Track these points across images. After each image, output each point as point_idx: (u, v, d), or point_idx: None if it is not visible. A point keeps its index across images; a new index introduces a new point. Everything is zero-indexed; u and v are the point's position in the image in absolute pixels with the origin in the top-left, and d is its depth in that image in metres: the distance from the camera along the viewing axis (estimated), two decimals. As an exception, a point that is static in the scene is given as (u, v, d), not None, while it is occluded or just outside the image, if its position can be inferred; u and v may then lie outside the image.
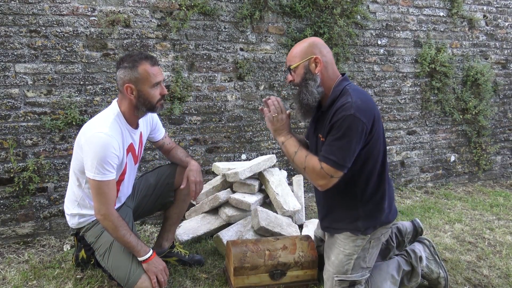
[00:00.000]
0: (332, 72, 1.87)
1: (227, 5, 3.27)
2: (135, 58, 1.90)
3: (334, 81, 1.87)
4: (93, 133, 1.86)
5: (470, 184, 4.38)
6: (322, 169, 1.75)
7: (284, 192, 2.84)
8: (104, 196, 1.86)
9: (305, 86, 1.82)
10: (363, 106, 1.73)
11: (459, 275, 2.33)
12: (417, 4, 4.02)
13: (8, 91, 2.69)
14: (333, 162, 1.72)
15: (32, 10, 2.72)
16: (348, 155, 1.72)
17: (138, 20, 3.00)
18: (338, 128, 1.72)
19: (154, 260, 1.95)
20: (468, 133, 4.32)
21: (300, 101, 1.84)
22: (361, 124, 1.70)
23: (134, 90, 1.91)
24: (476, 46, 4.34)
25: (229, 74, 3.34)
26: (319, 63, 1.81)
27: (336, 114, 1.74)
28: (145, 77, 1.89)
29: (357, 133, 1.70)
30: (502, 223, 3.20)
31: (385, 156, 1.89)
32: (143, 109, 1.97)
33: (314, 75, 1.82)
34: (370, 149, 1.80)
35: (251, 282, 2.08)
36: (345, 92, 1.81)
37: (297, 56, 1.84)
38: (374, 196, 1.88)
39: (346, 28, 3.59)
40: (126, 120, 1.99)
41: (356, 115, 1.69)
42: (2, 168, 2.69)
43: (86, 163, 1.86)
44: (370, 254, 1.93)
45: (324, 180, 1.76)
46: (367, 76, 3.85)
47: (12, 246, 2.69)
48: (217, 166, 3.03)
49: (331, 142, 1.74)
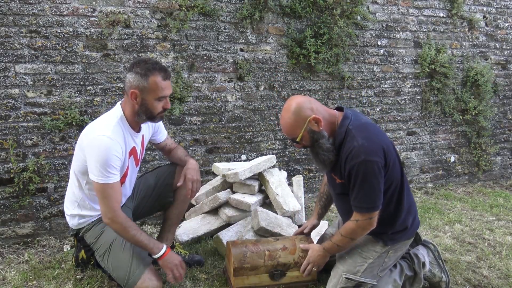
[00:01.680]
0: (329, 117, 1.85)
1: (227, 6, 3.27)
2: (149, 67, 1.88)
3: (335, 123, 1.86)
4: (95, 136, 1.85)
5: (470, 184, 4.38)
6: (357, 221, 1.83)
7: (284, 192, 2.84)
8: (109, 199, 1.85)
9: (319, 146, 1.83)
10: (370, 146, 1.75)
11: (459, 276, 2.33)
12: (417, 5, 4.03)
13: (8, 91, 2.70)
14: (366, 208, 1.80)
15: (32, 10, 2.72)
16: (376, 196, 1.78)
17: (138, 21, 3.00)
18: (356, 176, 1.76)
19: (169, 256, 1.94)
20: (468, 133, 4.32)
21: (322, 161, 1.86)
22: (375, 164, 1.73)
23: (139, 97, 1.89)
24: (476, 46, 4.34)
25: (229, 74, 3.34)
26: (319, 120, 1.80)
27: (348, 162, 1.77)
28: (153, 89, 1.88)
29: (375, 175, 1.74)
30: (502, 224, 3.20)
31: (403, 177, 1.93)
32: (143, 117, 1.96)
33: (321, 132, 1.82)
34: (390, 178, 1.84)
35: (251, 282, 2.08)
36: (348, 134, 1.81)
37: (295, 127, 1.82)
38: (399, 216, 1.93)
39: (346, 28, 3.59)
40: (129, 124, 1.99)
41: (368, 159, 1.72)
42: (2, 169, 2.70)
43: (90, 166, 1.85)
44: (384, 264, 1.97)
45: (368, 226, 1.84)
46: (367, 77, 3.85)
47: (12, 247, 2.69)
48: (217, 166, 3.03)
49: (356, 191, 1.79)
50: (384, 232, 1.93)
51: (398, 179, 1.89)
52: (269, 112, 3.50)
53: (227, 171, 2.87)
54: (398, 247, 1.98)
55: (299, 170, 3.65)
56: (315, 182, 3.72)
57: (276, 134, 3.53)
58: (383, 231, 1.93)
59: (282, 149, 3.57)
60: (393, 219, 1.93)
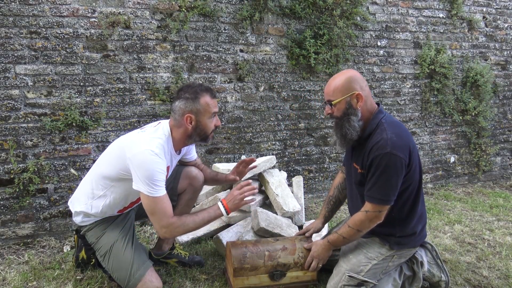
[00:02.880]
0: (370, 105, 1.91)
1: (227, 7, 3.28)
2: (197, 89, 1.96)
3: (372, 113, 1.91)
4: (142, 150, 1.85)
5: (470, 185, 4.38)
6: (367, 212, 1.84)
7: (284, 193, 2.84)
8: (159, 215, 1.86)
9: (347, 120, 1.86)
10: (399, 141, 1.78)
11: (458, 276, 2.34)
12: (417, 6, 4.03)
13: (9, 92, 2.70)
14: (378, 199, 1.81)
15: (32, 11, 2.72)
16: (391, 190, 1.79)
17: (138, 22, 3.01)
18: (377, 166, 1.78)
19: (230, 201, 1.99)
20: (467, 134, 4.32)
21: (342, 134, 1.89)
22: (399, 160, 1.75)
23: (194, 121, 1.95)
24: (476, 47, 4.35)
25: (229, 75, 3.34)
26: (361, 98, 1.85)
27: (373, 151, 1.79)
28: (205, 109, 1.95)
29: (396, 169, 1.76)
30: (502, 224, 3.20)
31: (421, 183, 1.94)
32: (196, 139, 2.02)
33: (356, 110, 1.86)
34: (408, 179, 1.85)
35: (251, 283, 2.08)
36: (380, 126, 1.85)
37: (339, 91, 1.86)
38: (411, 219, 1.94)
39: (346, 29, 3.59)
40: (173, 145, 2.02)
41: (393, 152, 1.74)
42: (2, 169, 2.70)
43: (136, 180, 1.85)
44: (388, 267, 1.98)
45: (376, 219, 1.85)
46: (367, 77, 3.86)
47: (12, 247, 2.69)
48: (217, 167, 3.03)
49: (373, 181, 1.81)
50: (393, 234, 1.94)
51: (416, 183, 1.91)
52: (269, 112, 3.50)
53: (227, 171, 2.87)
54: (403, 254, 1.99)
55: (299, 170, 3.65)
56: (315, 182, 3.72)
57: (276, 135, 3.54)
58: (392, 233, 1.94)
59: (282, 150, 3.57)
60: (405, 222, 1.94)
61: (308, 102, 3.63)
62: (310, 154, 3.68)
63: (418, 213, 1.95)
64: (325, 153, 3.74)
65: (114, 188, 1.99)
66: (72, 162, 2.87)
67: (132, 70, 3.01)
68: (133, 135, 1.99)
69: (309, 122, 3.65)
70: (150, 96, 3.07)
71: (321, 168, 3.74)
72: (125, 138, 1.99)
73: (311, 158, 3.69)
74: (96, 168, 2.06)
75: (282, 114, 3.54)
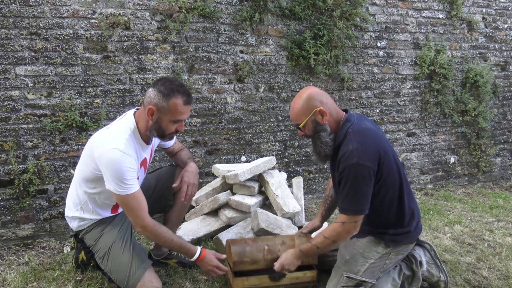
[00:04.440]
0: (336, 115, 1.92)
1: (227, 8, 3.28)
2: (173, 88, 1.87)
3: (339, 122, 1.92)
4: (108, 149, 1.83)
5: (470, 185, 4.38)
6: (344, 224, 1.85)
7: (284, 194, 2.84)
8: (134, 209, 1.86)
9: (318, 138, 1.89)
10: (364, 151, 1.78)
11: (458, 277, 2.34)
12: (417, 6, 4.03)
13: (9, 93, 2.70)
14: (352, 210, 1.82)
15: (32, 12, 2.73)
16: (363, 199, 1.81)
17: (138, 23, 3.01)
18: (346, 178, 1.79)
19: (206, 258, 1.98)
20: (467, 135, 4.32)
21: (317, 152, 1.93)
22: (366, 169, 1.77)
23: (155, 115, 1.89)
24: (476, 48, 4.35)
25: (229, 76, 3.35)
26: (324, 114, 1.86)
27: (341, 163, 1.81)
28: (171, 111, 1.88)
29: (364, 179, 1.78)
30: (502, 225, 3.20)
31: (402, 180, 1.93)
32: (154, 134, 1.96)
33: (324, 125, 1.88)
34: (384, 183, 1.86)
35: (251, 283, 2.08)
36: (346, 136, 1.86)
37: (302, 114, 1.89)
38: (402, 218, 1.95)
39: (346, 30, 3.60)
40: (141, 136, 1.98)
41: (359, 163, 1.76)
42: (3, 170, 2.70)
43: (106, 179, 1.85)
44: (385, 265, 1.99)
45: (352, 229, 1.86)
46: (367, 78, 3.86)
47: (12, 248, 2.69)
48: (217, 168, 3.03)
49: (345, 192, 1.82)
50: (386, 232, 1.95)
51: (396, 185, 1.90)
52: (269, 113, 3.50)
53: (227, 172, 2.88)
54: (400, 250, 2.00)
55: (299, 171, 3.65)
56: (315, 183, 3.72)
57: (276, 136, 3.54)
58: (387, 232, 1.95)
59: (282, 151, 3.57)
60: (396, 223, 1.95)
61: (308, 103, 3.63)
62: (310, 155, 3.68)
63: (408, 212, 1.95)
64: (325, 154, 3.74)
65: (96, 189, 1.99)
66: (72, 163, 2.87)
67: (132, 71, 3.01)
68: (100, 133, 1.98)
69: (309, 123, 3.64)
70: (150, 97, 3.07)
71: (321, 169, 3.75)
72: (94, 137, 1.98)
73: (311, 159, 3.69)
74: (77, 172, 2.06)
75: (282, 115, 3.55)
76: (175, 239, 1.95)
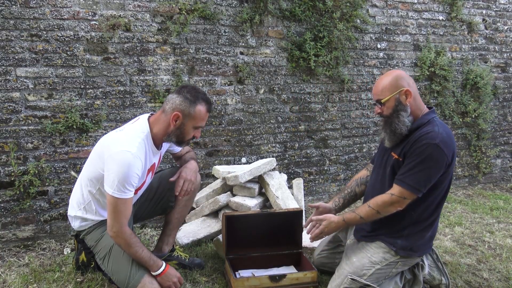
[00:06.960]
0: (418, 102, 1.95)
1: (227, 9, 3.29)
2: (199, 95, 1.95)
3: (421, 110, 1.94)
4: (120, 150, 1.84)
5: (470, 187, 4.38)
6: (392, 195, 1.84)
7: (284, 195, 2.84)
8: (119, 214, 1.86)
9: (397, 116, 1.89)
10: (448, 140, 1.81)
11: (459, 278, 2.33)
12: (416, 8, 4.04)
13: (9, 95, 2.71)
14: (409, 185, 1.81)
15: (33, 14, 2.73)
16: (425, 181, 1.80)
17: (138, 24, 3.02)
18: (419, 154, 1.79)
19: (168, 273, 1.97)
20: (468, 136, 4.32)
21: (392, 130, 1.91)
22: (442, 155, 1.78)
23: (179, 121, 1.93)
24: (476, 49, 4.36)
25: (229, 77, 3.35)
26: (409, 94, 1.89)
27: (420, 140, 1.81)
28: (196, 117, 1.95)
29: (437, 163, 1.79)
30: (502, 226, 3.20)
31: (446, 193, 1.95)
32: (173, 139, 1.99)
33: (405, 106, 1.89)
34: (441, 181, 1.86)
35: (251, 284, 2.08)
36: (432, 122, 1.88)
37: (387, 90, 1.91)
38: (424, 223, 1.94)
39: (346, 32, 3.60)
40: (153, 142, 2.00)
41: (440, 146, 1.77)
42: (3, 172, 2.70)
43: (107, 178, 1.85)
44: (391, 273, 1.98)
45: (397, 204, 1.85)
46: (367, 80, 3.86)
47: (12, 250, 2.69)
48: (217, 169, 3.03)
49: (410, 166, 1.81)
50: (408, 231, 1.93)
51: (442, 193, 1.92)
52: (269, 115, 3.50)
53: (227, 174, 2.88)
54: (407, 261, 1.99)
55: (299, 173, 3.65)
56: (315, 185, 3.72)
57: (276, 137, 3.54)
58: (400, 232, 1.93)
59: (282, 152, 3.58)
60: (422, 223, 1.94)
61: (308, 105, 3.64)
62: (310, 157, 3.68)
63: (431, 220, 1.95)
64: (325, 156, 3.75)
65: (101, 189, 1.98)
66: (73, 165, 2.87)
67: (132, 73, 3.02)
68: (113, 134, 1.98)
69: (309, 124, 3.65)
70: (151, 98, 3.08)
71: (321, 170, 3.75)
72: (106, 138, 1.99)
73: (311, 161, 3.69)
74: (83, 172, 2.07)
75: (282, 116, 3.55)
76: (144, 251, 1.93)
